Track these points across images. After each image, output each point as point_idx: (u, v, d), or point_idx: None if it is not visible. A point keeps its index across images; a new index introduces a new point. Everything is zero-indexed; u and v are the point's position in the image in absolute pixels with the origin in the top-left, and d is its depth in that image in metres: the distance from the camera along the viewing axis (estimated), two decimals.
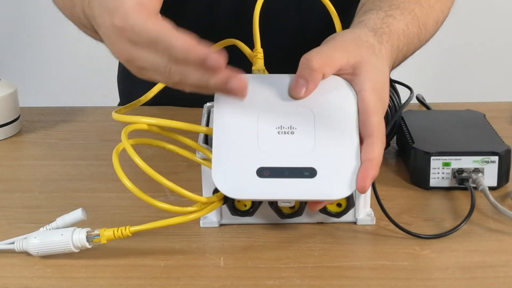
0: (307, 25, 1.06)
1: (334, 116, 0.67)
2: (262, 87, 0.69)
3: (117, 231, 0.67)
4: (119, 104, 1.24)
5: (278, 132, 0.66)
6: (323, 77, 0.68)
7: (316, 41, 0.76)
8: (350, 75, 0.69)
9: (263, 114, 0.67)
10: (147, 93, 0.79)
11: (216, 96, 0.68)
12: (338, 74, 0.69)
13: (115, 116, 0.71)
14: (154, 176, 0.65)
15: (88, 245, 0.67)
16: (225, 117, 0.67)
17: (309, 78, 0.67)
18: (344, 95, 0.68)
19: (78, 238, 0.67)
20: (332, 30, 0.77)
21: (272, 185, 0.64)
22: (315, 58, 0.67)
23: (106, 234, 0.67)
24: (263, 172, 0.64)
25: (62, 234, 0.67)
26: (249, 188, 0.64)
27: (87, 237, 0.67)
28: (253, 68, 0.72)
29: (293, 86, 0.68)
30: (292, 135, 0.66)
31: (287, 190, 0.64)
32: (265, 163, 0.64)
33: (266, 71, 0.72)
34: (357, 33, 0.74)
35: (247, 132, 0.66)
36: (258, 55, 0.72)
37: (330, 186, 0.64)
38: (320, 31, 1.02)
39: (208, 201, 0.68)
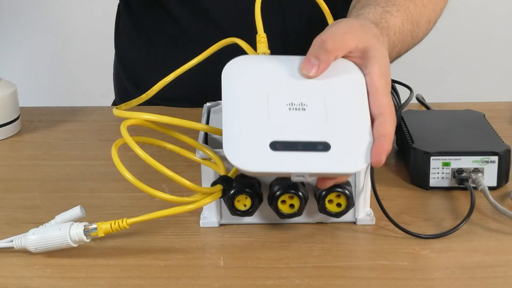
0: (290, 28, 1.07)
1: (345, 95, 0.67)
2: (271, 67, 0.68)
3: (114, 224, 0.67)
4: (114, 102, 1.24)
5: (289, 109, 0.65)
6: (335, 59, 0.69)
7: (299, 43, 0.77)
8: (358, 59, 0.70)
9: (273, 91, 0.67)
10: (148, 91, 0.79)
11: (223, 73, 0.68)
12: (346, 57, 0.70)
13: (116, 112, 0.71)
14: (154, 166, 0.65)
15: (86, 239, 0.67)
16: (234, 94, 0.66)
17: (322, 58, 0.68)
18: (354, 77, 0.69)
19: (76, 232, 0.67)
20: (316, 32, 0.78)
21: (285, 158, 0.63)
22: (330, 39, 0.68)
23: (104, 227, 0.67)
24: (276, 146, 0.63)
25: (60, 228, 0.67)
26: (262, 161, 0.63)
27: (84, 231, 0.67)
28: (257, 52, 0.72)
29: (304, 64, 0.68)
30: (303, 111, 0.65)
31: (301, 164, 0.63)
32: (278, 137, 0.64)
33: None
34: (361, 21, 0.74)
35: (257, 108, 0.65)
36: (261, 40, 0.72)
37: (344, 160, 0.63)
38: (304, 34, 1.02)
39: (207, 191, 0.67)
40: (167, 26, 1.11)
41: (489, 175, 0.79)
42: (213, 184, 0.68)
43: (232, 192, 0.69)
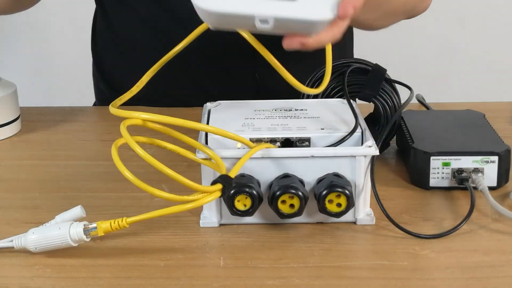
0: None
1: None
2: None
3: (114, 223, 0.67)
4: (94, 104, 1.25)
5: None
6: None
7: None
8: None
9: None
10: (138, 83, 0.79)
11: None
12: None
13: (113, 110, 0.71)
14: (155, 165, 0.65)
15: (85, 238, 0.67)
16: None
17: None
18: None
19: (76, 231, 0.67)
20: None
21: (251, 1, 0.64)
22: None
23: (103, 226, 0.67)
24: None
25: (60, 228, 0.67)
26: (227, 1, 0.64)
27: (84, 230, 0.67)
28: None
29: None
30: None
31: (266, 8, 0.64)
32: None
33: None
34: None
35: None
36: None
37: (311, 8, 0.65)
38: None
39: (207, 190, 0.67)
40: (136, 25, 1.11)
41: (489, 175, 0.79)
42: (213, 183, 0.68)
43: (232, 192, 0.69)
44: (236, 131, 0.74)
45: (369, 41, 2.13)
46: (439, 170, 0.79)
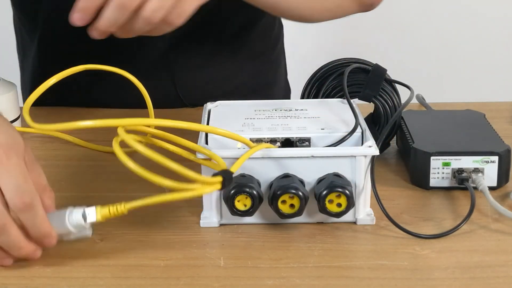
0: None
1: None
2: None
3: (113, 208, 0.66)
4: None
5: None
6: None
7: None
8: None
9: None
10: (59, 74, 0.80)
11: None
12: None
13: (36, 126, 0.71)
14: (156, 159, 0.63)
15: (83, 223, 0.66)
16: None
17: None
18: None
19: (74, 217, 0.66)
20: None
21: None
22: None
23: (102, 211, 0.66)
24: None
25: (59, 213, 0.67)
26: None
27: (82, 215, 0.66)
28: None
29: None
30: None
31: None
32: None
33: None
34: None
35: None
36: None
37: None
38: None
39: (207, 181, 0.66)
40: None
41: (489, 175, 0.79)
42: (214, 175, 0.68)
43: (232, 192, 0.69)
44: (236, 131, 0.74)
45: (369, 41, 2.14)
46: (439, 170, 0.79)
